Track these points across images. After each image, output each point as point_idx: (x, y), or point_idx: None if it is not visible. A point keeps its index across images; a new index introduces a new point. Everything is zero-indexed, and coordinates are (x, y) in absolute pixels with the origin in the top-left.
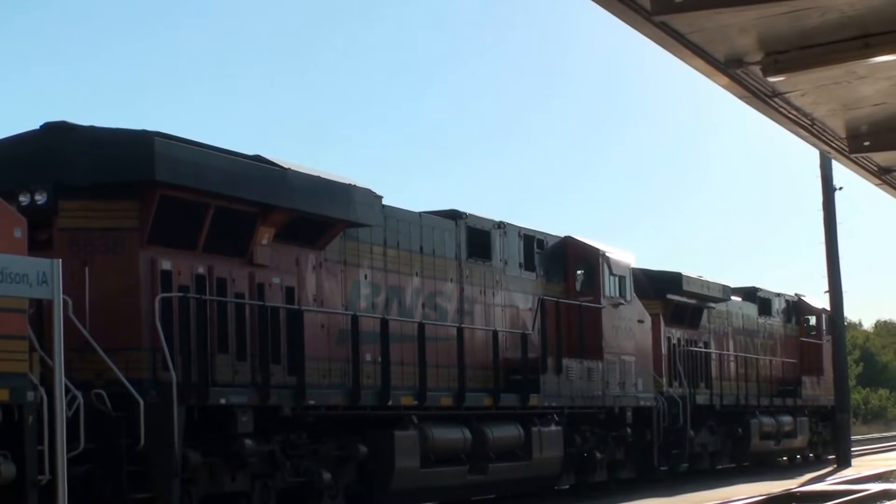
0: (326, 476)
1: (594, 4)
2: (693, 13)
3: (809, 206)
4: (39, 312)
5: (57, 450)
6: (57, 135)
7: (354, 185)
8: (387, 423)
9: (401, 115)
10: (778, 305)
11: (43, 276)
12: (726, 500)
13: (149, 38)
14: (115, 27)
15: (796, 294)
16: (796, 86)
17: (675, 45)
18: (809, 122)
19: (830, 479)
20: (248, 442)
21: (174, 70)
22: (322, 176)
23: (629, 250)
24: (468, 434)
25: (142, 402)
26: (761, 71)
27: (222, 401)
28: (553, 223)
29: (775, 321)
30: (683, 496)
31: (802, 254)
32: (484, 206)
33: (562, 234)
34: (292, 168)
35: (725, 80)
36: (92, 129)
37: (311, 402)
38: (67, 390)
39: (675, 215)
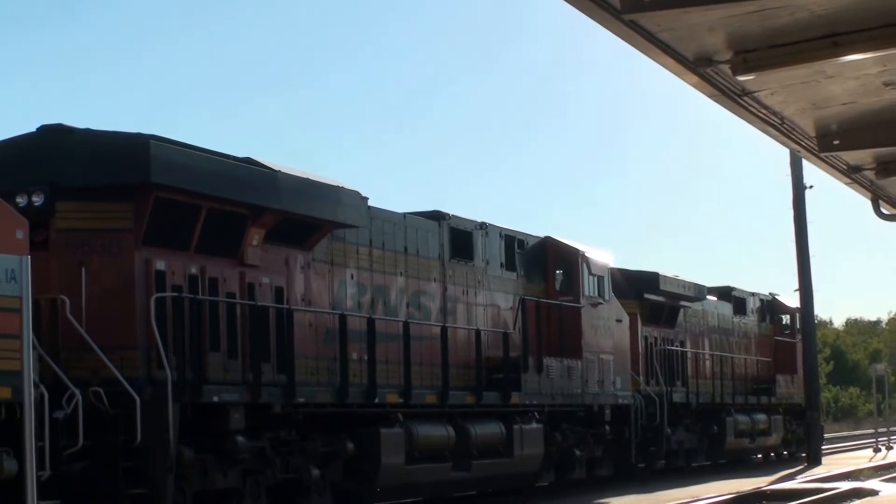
0: (315, 472)
1: (574, 9)
2: (662, 12)
3: (780, 205)
4: (37, 311)
5: (26, 447)
6: (53, 137)
7: (342, 187)
8: (373, 420)
9: (386, 118)
10: (752, 305)
11: (11, 273)
12: (696, 498)
13: (144, 45)
14: (111, 34)
15: (770, 293)
16: (765, 85)
17: (644, 43)
18: (779, 121)
19: (800, 478)
20: (240, 439)
21: (170, 74)
22: (311, 178)
23: (606, 250)
24: (452, 431)
25: (138, 400)
26: (730, 70)
27: (215, 398)
28: (530, 223)
29: (750, 320)
30: (658, 493)
31: (774, 252)
32: (465, 206)
33: (541, 235)
34: (282, 170)
35: (695, 78)
36: (88, 131)
37: (301, 400)
38: (66, 388)
39: (647, 215)
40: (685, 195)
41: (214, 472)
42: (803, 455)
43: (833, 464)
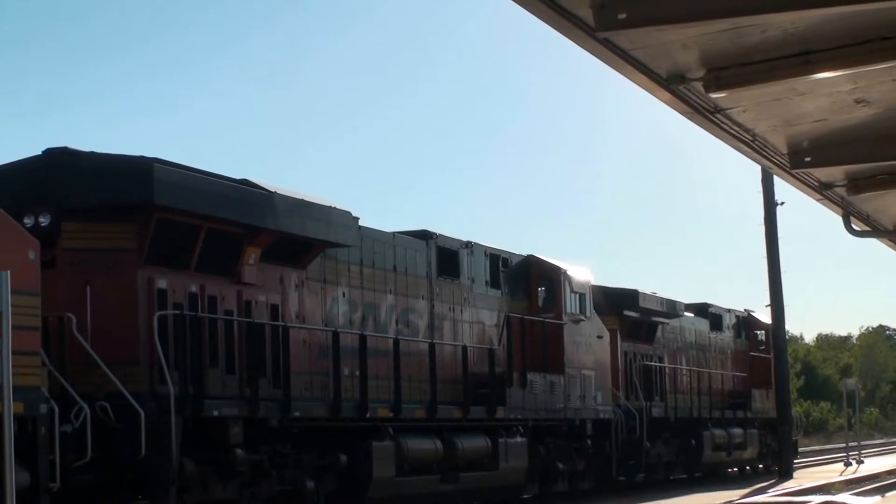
0: (310, 484)
1: (548, 26)
2: (636, 30)
3: (753, 221)
4: (45, 328)
5: (6, 459)
6: (59, 160)
7: (334, 208)
8: (365, 433)
9: (370, 133)
10: (728, 321)
11: None
12: None
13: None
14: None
15: (746, 310)
16: (738, 102)
17: (618, 61)
18: (751, 138)
19: (772, 491)
20: (239, 452)
21: (167, 90)
22: (305, 199)
23: (586, 267)
24: (440, 445)
25: (142, 414)
26: (703, 87)
27: (215, 413)
28: (508, 241)
29: (726, 336)
30: None
31: (747, 268)
32: (447, 225)
33: (524, 253)
34: (277, 191)
35: (668, 96)
36: (92, 154)
37: (297, 414)
38: (74, 402)
39: (623, 232)
40: (659, 212)
41: (214, 483)
42: (777, 468)
43: (804, 477)
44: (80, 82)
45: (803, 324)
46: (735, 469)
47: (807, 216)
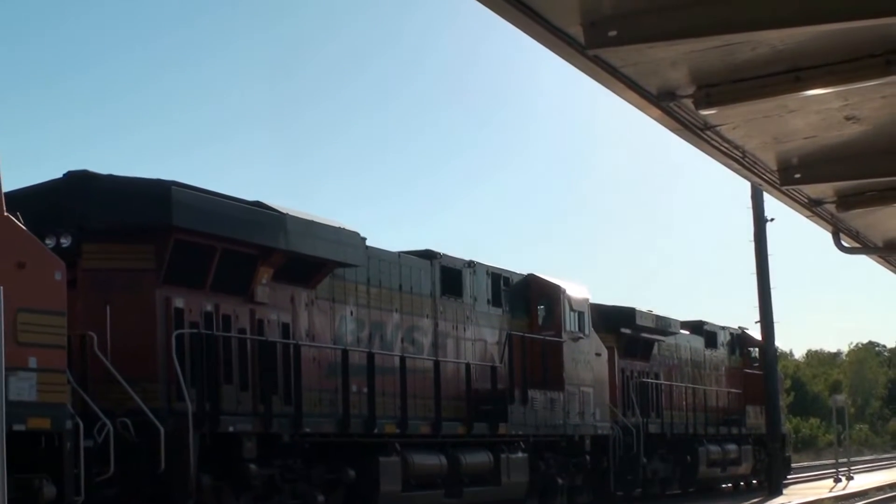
0: (320, 499)
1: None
2: (626, 47)
3: (743, 238)
4: (67, 347)
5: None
6: (80, 182)
7: (343, 229)
8: (372, 449)
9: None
10: (723, 338)
11: None
12: None
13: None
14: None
15: (739, 327)
16: (728, 119)
17: (608, 78)
18: (741, 155)
19: None
20: (253, 467)
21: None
22: (315, 220)
23: (584, 285)
24: (444, 460)
25: (162, 430)
26: (693, 104)
27: (231, 428)
28: (509, 260)
29: (720, 353)
30: None
31: (738, 285)
32: (448, 244)
33: (525, 272)
34: (289, 213)
35: (658, 112)
36: (111, 177)
37: (307, 430)
38: (97, 418)
39: (614, 250)
40: (653, 229)
41: (229, 497)
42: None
43: (794, 494)
44: (74, 90)
45: (793, 340)
46: (730, 484)
47: (796, 232)
